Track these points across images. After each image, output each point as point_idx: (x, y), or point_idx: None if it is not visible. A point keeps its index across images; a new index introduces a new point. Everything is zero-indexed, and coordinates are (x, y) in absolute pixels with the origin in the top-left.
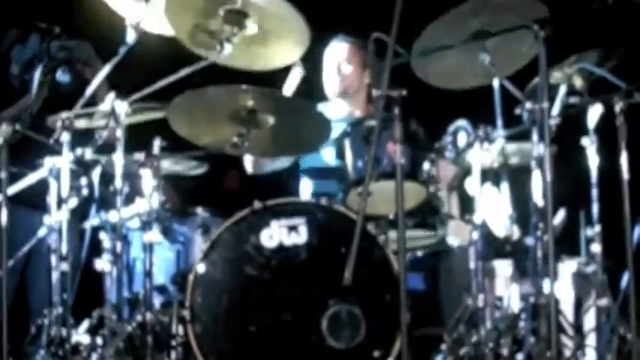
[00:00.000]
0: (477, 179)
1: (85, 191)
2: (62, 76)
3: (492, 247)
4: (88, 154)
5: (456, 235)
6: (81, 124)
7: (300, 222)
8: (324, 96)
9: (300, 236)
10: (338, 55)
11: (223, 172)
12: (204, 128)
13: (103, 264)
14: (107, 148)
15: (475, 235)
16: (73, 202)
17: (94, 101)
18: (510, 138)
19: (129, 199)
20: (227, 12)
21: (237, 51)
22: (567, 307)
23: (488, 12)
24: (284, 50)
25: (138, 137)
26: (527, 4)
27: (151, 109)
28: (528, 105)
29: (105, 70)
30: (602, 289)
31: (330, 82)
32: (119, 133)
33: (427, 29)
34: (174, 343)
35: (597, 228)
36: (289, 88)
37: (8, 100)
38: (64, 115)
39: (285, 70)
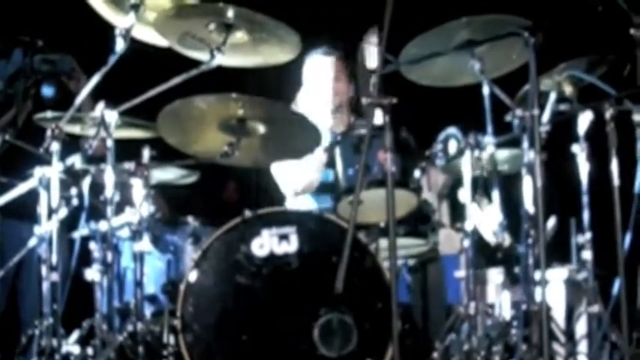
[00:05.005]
0: (467, 187)
1: (75, 201)
2: (46, 89)
3: (483, 254)
4: (78, 163)
5: (446, 243)
6: (71, 129)
7: (291, 231)
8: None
9: (291, 245)
10: (327, 70)
11: (221, 184)
12: (193, 137)
13: (93, 274)
14: (97, 157)
15: (466, 243)
16: (63, 212)
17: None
18: (501, 145)
19: (119, 209)
20: (217, 25)
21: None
22: (559, 314)
23: (477, 23)
24: (274, 55)
25: (128, 146)
26: (516, 20)
27: (139, 127)
28: (518, 112)
29: (93, 81)
30: (593, 296)
31: (322, 98)
32: (109, 142)
33: (416, 39)
34: (165, 352)
35: (588, 235)
36: None
37: None
38: (49, 114)
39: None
